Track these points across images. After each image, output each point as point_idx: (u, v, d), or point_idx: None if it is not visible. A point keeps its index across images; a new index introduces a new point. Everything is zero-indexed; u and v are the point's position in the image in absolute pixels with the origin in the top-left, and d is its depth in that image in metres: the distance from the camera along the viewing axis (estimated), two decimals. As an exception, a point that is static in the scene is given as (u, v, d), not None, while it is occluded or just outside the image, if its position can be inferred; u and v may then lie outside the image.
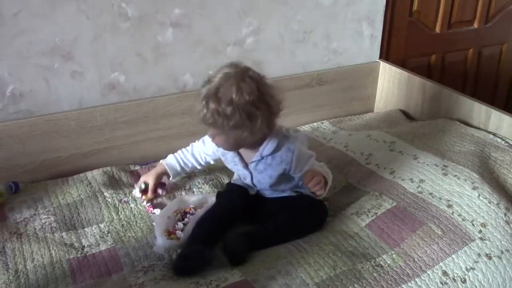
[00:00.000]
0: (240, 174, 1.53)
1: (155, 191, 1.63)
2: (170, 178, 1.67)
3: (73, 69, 1.77)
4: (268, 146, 1.42)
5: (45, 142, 1.76)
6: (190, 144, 1.66)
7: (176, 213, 1.53)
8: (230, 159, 1.51)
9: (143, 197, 1.63)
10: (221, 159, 1.57)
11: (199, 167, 1.67)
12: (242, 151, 1.48)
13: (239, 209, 1.47)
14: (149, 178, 1.63)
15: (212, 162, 1.66)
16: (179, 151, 1.66)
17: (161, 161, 1.67)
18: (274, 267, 1.29)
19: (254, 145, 1.43)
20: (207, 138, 1.57)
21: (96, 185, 1.69)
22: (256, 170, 1.47)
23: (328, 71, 2.24)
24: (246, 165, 1.48)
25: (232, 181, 1.59)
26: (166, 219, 1.48)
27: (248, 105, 1.28)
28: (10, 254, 1.39)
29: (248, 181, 1.51)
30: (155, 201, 1.64)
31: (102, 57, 1.80)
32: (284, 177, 1.47)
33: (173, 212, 1.53)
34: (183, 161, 1.64)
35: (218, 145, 1.44)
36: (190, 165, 1.65)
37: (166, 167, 1.63)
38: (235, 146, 1.43)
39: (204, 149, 1.60)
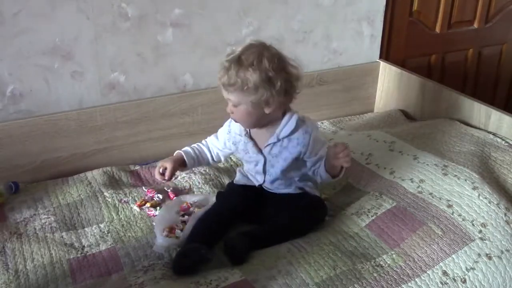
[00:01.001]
0: (251, 162, 1.51)
1: (172, 175, 1.55)
2: (187, 166, 1.60)
3: (73, 69, 1.77)
4: (286, 128, 1.43)
5: (45, 142, 1.76)
6: (204, 140, 1.63)
7: (176, 212, 1.53)
8: (242, 147, 1.50)
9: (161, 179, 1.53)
10: (231, 156, 1.56)
11: (211, 162, 1.63)
12: (256, 135, 1.48)
13: (239, 209, 1.47)
14: (167, 163, 1.54)
15: (222, 159, 1.63)
16: (194, 145, 1.62)
17: (177, 151, 1.60)
18: (274, 267, 1.29)
19: (271, 126, 1.44)
20: (220, 132, 1.57)
21: (96, 185, 1.69)
22: (271, 154, 1.46)
23: (328, 71, 2.24)
24: (259, 150, 1.48)
25: (234, 182, 1.59)
26: (166, 218, 1.48)
27: (268, 69, 1.34)
28: (10, 254, 1.39)
29: (259, 167, 1.49)
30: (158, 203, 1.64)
31: (102, 57, 1.80)
32: (296, 163, 1.47)
33: (174, 211, 1.53)
34: (199, 151, 1.60)
35: (237, 120, 1.44)
36: (205, 157, 1.61)
37: (184, 155, 1.57)
38: (254, 119, 1.41)
39: (217, 143, 1.58)
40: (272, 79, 1.34)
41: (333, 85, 2.25)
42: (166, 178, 1.50)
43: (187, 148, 1.59)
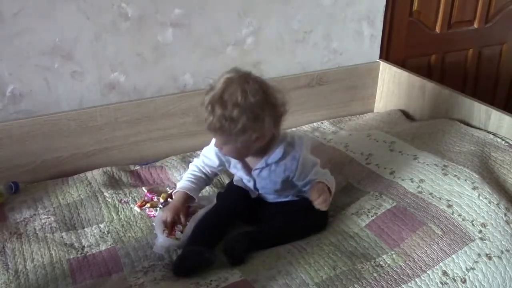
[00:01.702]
0: (243, 179, 1.51)
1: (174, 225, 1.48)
2: (195, 200, 1.56)
3: (73, 69, 1.77)
4: (273, 155, 1.41)
5: (45, 142, 1.76)
6: (191, 165, 1.59)
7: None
8: (233, 165, 1.50)
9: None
10: (225, 166, 1.54)
11: (209, 183, 1.62)
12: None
13: (239, 210, 1.47)
14: (167, 214, 1.46)
15: (218, 173, 1.63)
16: (187, 175, 1.56)
17: (176, 190, 1.53)
18: (274, 267, 1.29)
19: (259, 152, 1.41)
20: (208, 152, 1.53)
21: (96, 185, 1.69)
22: (260, 176, 1.46)
23: (328, 71, 2.24)
24: (249, 171, 1.47)
25: (234, 182, 1.59)
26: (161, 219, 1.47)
27: (254, 106, 1.27)
28: (10, 254, 1.39)
29: (251, 184, 1.50)
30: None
31: (102, 57, 1.80)
32: (288, 183, 1.46)
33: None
34: (197, 180, 1.55)
35: (226, 155, 1.42)
36: (203, 183, 1.58)
37: (188, 192, 1.51)
38: (244, 154, 1.40)
39: (210, 163, 1.54)
40: (259, 116, 1.28)
41: (333, 85, 2.25)
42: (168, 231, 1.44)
43: (185, 183, 1.53)
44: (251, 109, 1.27)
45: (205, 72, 1.98)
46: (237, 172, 1.51)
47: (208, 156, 1.54)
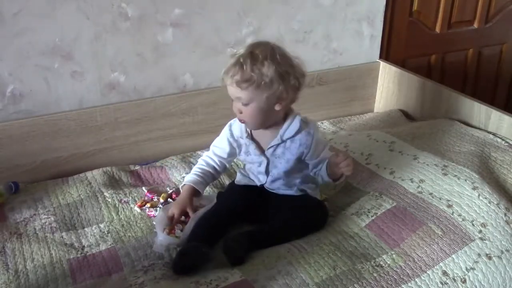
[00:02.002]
0: (254, 163, 1.50)
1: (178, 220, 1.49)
2: (201, 194, 1.56)
3: (73, 69, 1.77)
4: (289, 129, 1.43)
5: (45, 142, 1.76)
6: (200, 160, 1.59)
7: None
8: (244, 149, 1.50)
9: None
10: (235, 154, 1.54)
11: (217, 176, 1.62)
12: (258, 136, 1.47)
13: (239, 209, 1.47)
14: (175, 209, 1.47)
15: (227, 166, 1.62)
16: (194, 170, 1.56)
17: (183, 184, 1.54)
18: (274, 267, 1.29)
19: (274, 126, 1.44)
20: (219, 141, 1.54)
21: (96, 185, 1.69)
22: (274, 155, 1.46)
23: (328, 71, 2.24)
24: (262, 152, 1.47)
25: (236, 182, 1.59)
26: (166, 218, 1.48)
27: (282, 63, 1.34)
28: (10, 254, 1.39)
29: (262, 168, 1.48)
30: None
31: (102, 57, 1.80)
32: (298, 165, 1.47)
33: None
34: (204, 174, 1.55)
35: (245, 120, 1.40)
36: (210, 176, 1.58)
37: (194, 185, 1.51)
38: (264, 116, 1.39)
39: (220, 153, 1.54)
40: (286, 74, 1.35)
41: (333, 85, 2.25)
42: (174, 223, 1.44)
43: (192, 177, 1.53)
44: (279, 65, 1.34)
45: (205, 72, 1.98)
46: (248, 157, 1.50)
47: (219, 145, 1.55)
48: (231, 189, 1.58)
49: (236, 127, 1.50)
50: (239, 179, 1.58)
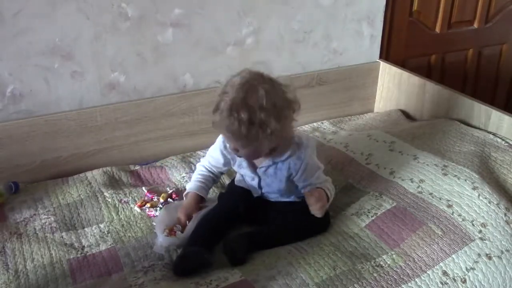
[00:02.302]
0: (246, 176, 1.51)
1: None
2: (206, 200, 1.57)
3: (73, 69, 1.77)
4: (282, 153, 1.41)
5: (45, 142, 1.76)
6: (198, 166, 1.59)
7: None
8: (238, 163, 1.50)
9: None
10: (230, 164, 1.53)
11: (217, 180, 1.63)
12: None
13: (240, 211, 1.47)
14: (180, 215, 1.47)
15: (224, 172, 1.63)
16: (196, 176, 1.57)
17: (187, 191, 1.55)
18: (274, 267, 1.29)
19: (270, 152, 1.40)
20: (213, 151, 1.53)
21: (96, 185, 1.69)
22: (265, 174, 1.46)
23: (328, 71, 2.24)
24: (254, 169, 1.47)
25: (235, 182, 1.59)
26: (166, 218, 1.47)
27: (279, 107, 1.26)
28: (10, 254, 1.39)
29: (255, 183, 1.49)
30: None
31: (102, 57, 1.80)
32: (292, 182, 1.46)
33: (175, 212, 1.52)
34: (206, 180, 1.56)
35: (241, 156, 1.39)
36: (211, 182, 1.59)
37: (199, 192, 1.52)
38: (261, 154, 1.37)
39: (216, 163, 1.54)
40: (283, 116, 1.28)
41: (333, 85, 2.25)
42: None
43: (195, 184, 1.53)
44: (276, 111, 1.25)
45: (205, 72, 1.98)
46: (241, 170, 1.50)
47: (214, 155, 1.54)
48: (231, 190, 1.57)
49: None
50: (238, 178, 1.58)
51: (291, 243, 1.40)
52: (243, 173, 1.51)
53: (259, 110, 1.23)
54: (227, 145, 1.44)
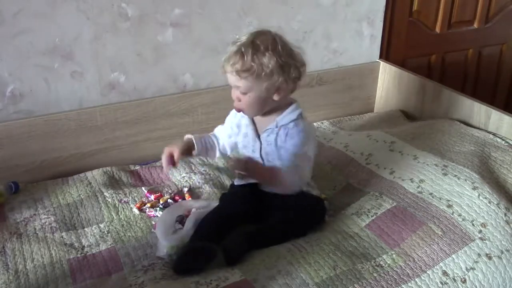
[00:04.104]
0: (249, 147, 1.49)
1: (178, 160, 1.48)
2: (195, 152, 1.54)
3: (73, 69, 1.77)
4: (287, 117, 1.43)
5: (45, 142, 1.76)
6: (212, 133, 1.60)
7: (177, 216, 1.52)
8: (244, 130, 1.49)
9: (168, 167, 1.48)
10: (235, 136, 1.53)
11: (217, 153, 1.59)
12: (257, 120, 1.48)
13: (242, 212, 1.47)
14: (174, 148, 1.47)
15: (228, 152, 1.60)
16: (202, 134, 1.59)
17: (186, 136, 1.56)
18: (274, 267, 1.29)
19: (274, 113, 1.43)
20: (227, 118, 1.55)
21: (96, 185, 1.69)
22: (267, 140, 1.45)
23: (328, 71, 2.24)
24: (257, 136, 1.47)
25: (235, 183, 1.58)
26: (167, 223, 1.46)
27: (283, 53, 1.34)
28: (10, 254, 1.39)
29: (256, 154, 1.47)
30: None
31: (102, 57, 1.80)
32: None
33: (175, 216, 1.51)
34: (207, 139, 1.57)
35: (243, 108, 1.40)
36: (213, 145, 1.57)
37: (193, 138, 1.52)
38: (262, 105, 1.40)
39: (223, 130, 1.56)
40: (286, 65, 1.35)
41: (333, 85, 2.25)
42: (174, 165, 1.46)
43: (195, 135, 1.55)
44: (280, 55, 1.33)
45: (205, 72, 1.98)
46: (245, 139, 1.49)
47: (226, 121, 1.56)
48: (232, 191, 1.57)
49: None
50: (238, 182, 1.57)
51: (289, 239, 1.40)
52: (246, 143, 1.50)
53: (264, 49, 1.33)
54: (235, 113, 1.49)
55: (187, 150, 1.50)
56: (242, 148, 1.53)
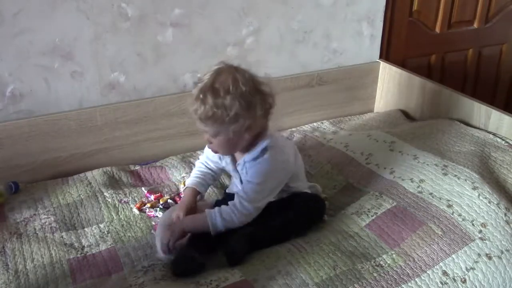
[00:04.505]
0: (233, 175, 1.51)
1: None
2: (199, 196, 1.55)
3: (73, 69, 1.77)
4: (251, 153, 1.40)
5: (45, 142, 1.76)
6: (197, 163, 1.59)
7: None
8: (225, 159, 1.50)
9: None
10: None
11: (217, 177, 1.61)
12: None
13: None
14: (179, 212, 1.44)
15: (224, 168, 1.59)
16: (194, 174, 1.56)
17: (186, 187, 1.54)
18: (274, 267, 1.29)
19: (246, 148, 1.40)
20: (207, 150, 1.53)
21: (96, 185, 1.69)
22: (242, 173, 1.44)
23: (328, 71, 2.24)
24: (235, 166, 1.47)
25: (227, 190, 1.58)
26: (166, 230, 1.45)
27: (246, 93, 1.29)
28: (10, 254, 1.39)
29: (238, 181, 1.47)
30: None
31: (102, 57, 1.80)
32: None
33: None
34: (205, 177, 1.55)
35: (214, 149, 1.41)
36: (211, 179, 1.58)
37: (196, 187, 1.51)
38: (233, 146, 1.39)
39: (211, 157, 1.54)
40: (251, 105, 1.30)
41: (333, 85, 2.25)
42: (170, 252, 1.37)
43: (193, 180, 1.52)
44: (242, 96, 1.28)
45: (205, 72, 1.98)
46: (226, 166, 1.50)
47: (207, 154, 1.54)
48: (226, 197, 1.56)
49: None
50: (231, 186, 1.57)
51: (289, 238, 1.40)
52: (229, 170, 1.50)
53: (225, 93, 1.27)
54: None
55: (190, 208, 1.46)
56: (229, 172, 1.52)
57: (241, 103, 1.28)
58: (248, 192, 1.37)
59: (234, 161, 1.47)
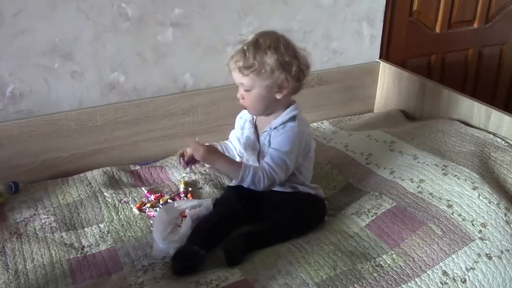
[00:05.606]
0: (249, 149, 1.51)
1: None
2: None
3: (73, 69, 1.77)
4: (278, 119, 1.45)
5: (45, 142, 1.76)
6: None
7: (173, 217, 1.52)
8: (246, 132, 1.52)
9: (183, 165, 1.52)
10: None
11: (237, 157, 1.60)
12: (259, 122, 1.50)
13: (238, 213, 1.47)
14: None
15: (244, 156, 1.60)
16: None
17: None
18: (274, 266, 1.29)
19: (273, 114, 1.46)
20: (236, 122, 1.58)
21: (96, 185, 1.69)
22: (263, 143, 1.47)
23: (328, 71, 2.24)
24: (257, 138, 1.50)
25: (229, 186, 1.58)
26: (164, 222, 1.46)
27: (285, 53, 1.38)
28: (10, 254, 1.39)
29: (255, 157, 1.49)
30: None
31: (102, 57, 1.80)
32: None
33: (171, 216, 1.51)
34: (224, 146, 1.61)
35: (247, 106, 1.43)
36: (231, 152, 1.60)
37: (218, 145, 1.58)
38: (265, 104, 1.42)
39: (234, 134, 1.59)
40: (288, 64, 1.38)
41: (333, 85, 2.25)
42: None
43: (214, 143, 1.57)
44: (281, 54, 1.37)
45: (205, 72, 1.98)
46: (247, 140, 1.51)
47: (233, 134, 1.59)
48: (228, 196, 1.56)
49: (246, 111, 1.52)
50: (233, 184, 1.57)
51: (291, 237, 1.40)
52: (248, 146, 1.52)
53: (266, 48, 1.37)
54: (243, 113, 1.54)
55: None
56: (243, 149, 1.54)
57: (279, 60, 1.36)
58: (275, 159, 1.41)
59: (257, 134, 1.50)
